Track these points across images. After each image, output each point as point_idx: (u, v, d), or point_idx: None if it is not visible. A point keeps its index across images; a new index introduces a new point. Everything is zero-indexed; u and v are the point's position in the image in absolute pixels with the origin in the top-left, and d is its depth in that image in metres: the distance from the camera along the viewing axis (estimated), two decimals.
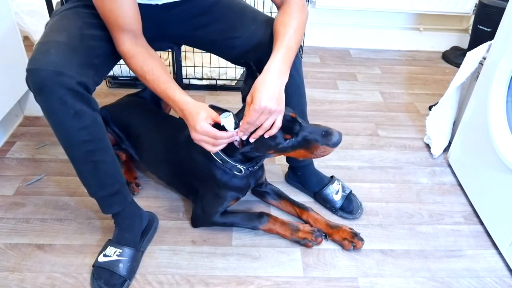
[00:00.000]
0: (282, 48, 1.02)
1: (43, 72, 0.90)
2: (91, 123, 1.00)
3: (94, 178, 1.08)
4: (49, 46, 0.95)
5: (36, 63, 0.92)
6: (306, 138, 1.07)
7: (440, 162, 1.63)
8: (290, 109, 1.09)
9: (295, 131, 1.07)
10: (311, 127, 1.08)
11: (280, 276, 1.17)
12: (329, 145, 1.06)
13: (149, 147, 1.36)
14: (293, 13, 1.07)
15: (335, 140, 1.06)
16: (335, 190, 1.37)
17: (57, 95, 0.92)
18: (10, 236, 1.24)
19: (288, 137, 1.07)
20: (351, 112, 1.93)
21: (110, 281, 1.09)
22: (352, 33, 2.52)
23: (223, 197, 1.23)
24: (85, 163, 1.05)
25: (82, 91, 0.96)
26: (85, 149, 1.02)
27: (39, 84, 0.91)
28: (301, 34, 1.08)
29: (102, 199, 1.13)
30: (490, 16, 2.10)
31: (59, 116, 0.96)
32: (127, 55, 1.05)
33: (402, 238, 1.30)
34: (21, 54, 1.61)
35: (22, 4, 2.18)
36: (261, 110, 0.97)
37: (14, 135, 1.65)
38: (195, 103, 1.03)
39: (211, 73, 2.00)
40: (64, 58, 0.94)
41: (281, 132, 1.06)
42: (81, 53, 0.98)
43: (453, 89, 1.57)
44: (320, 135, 1.06)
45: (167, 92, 1.04)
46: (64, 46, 0.96)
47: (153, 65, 1.05)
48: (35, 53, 0.94)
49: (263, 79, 0.99)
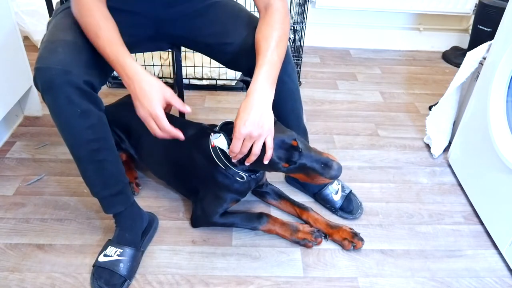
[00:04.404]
0: (264, 65, 1.00)
1: (52, 70, 0.91)
2: (97, 122, 1.00)
3: (98, 177, 1.08)
4: (56, 45, 0.95)
5: (44, 62, 0.92)
6: (305, 167, 1.07)
7: (440, 162, 1.64)
8: (293, 135, 1.08)
9: (293, 159, 1.06)
10: (311, 156, 1.07)
11: (280, 276, 1.17)
12: (327, 177, 1.07)
13: (149, 147, 1.36)
14: (275, 23, 1.04)
15: (333, 174, 1.06)
16: (335, 190, 1.37)
17: (65, 93, 0.92)
18: (10, 236, 1.24)
19: (286, 165, 1.07)
20: (351, 112, 1.93)
21: (110, 281, 1.09)
22: (352, 33, 2.52)
23: (223, 199, 1.23)
24: (89, 163, 1.05)
25: (89, 90, 0.96)
26: (91, 148, 1.02)
27: (47, 83, 0.92)
28: (284, 45, 1.06)
29: (105, 198, 1.12)
30: (490, 16, 2.11)
31: (66, 115, 0.96)
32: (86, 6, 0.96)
33: (402, 238, 1.30)
34: (21, 54, 1.61)
35: (22, 4, 2.18)
36: (242, 137, 0.97)
37: (14, 135, 1.65)
38: (148, 77, 0.95)
39: (211, 73, 2.00)
40: (72, 57, 0.94)
41: (280, 159, 1.05)
42: (88, 52, 0.98)
43: (453, 89, 1.57)
44: (320, 166, 1.06)
45: (117, 54, 0.94)
46: (71, 45, 0.96)
47: (111, 25, 0.97)
48: (42, 52, 0.94)
49: (245, 104, 0.98)
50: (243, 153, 1.01)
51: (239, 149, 1.00)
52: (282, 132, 1.07)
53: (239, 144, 0.99)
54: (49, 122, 1.73)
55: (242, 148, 1.00)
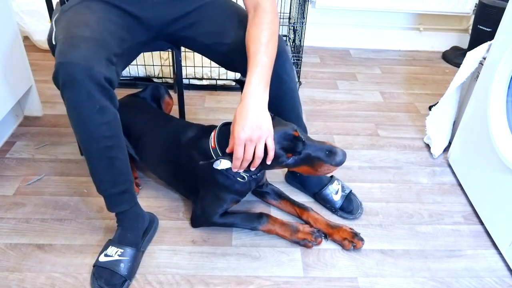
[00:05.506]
0: (255, 68, 1.01)
1: (74, 65, 0.91)
2: (113, 119, 1.01)
3: (107, 174, 1.08)
4: (77, 40, 0.96)
5: (66, 57, 0.92)
6: (309, 157, 1.07)
7: (440, 162, 1.64)
8: (293, 127, 1.08)
9: (298, 149, 1.06)
10: (315, 145, 1.08)
11: (280, 276, 1.17)
12: (333, 164, 1.07)
13: (149, 147, 1.36)
14: (263, 24, 1.05)
15: (339, 160, 1.06)
16: (335, 190, 1.37)
17: (86, 88, 0.93)
18: (10, 236, 1.24)
19: (290, 156, 1.07)
20: (351, 112, 1.93)
21: (110, 281, 1.09)
22: (352, 33, 2.52)
23: (224, 199, 1.23)
24: (101, 159, 1.05)
25: (108, 86, 0.97)
26: (104, 145, 1.02)
27: (70, 77, 0.92)
28: (274, 45, 1.06)
29: (112, 196, 1.12)
30: (490, 16, 2.11)
31: (84, 110, 0.96)
32: None
33: (402, 238, 1.30)
34: (21, 54, 1.61)
35: (22, 4, 2.18)
36: (242, 142, 0.97)
37: (14, 135, 1.65)
38: None
39: (211, 73, 2.00)
40: (93, 52, 0.95)
41: (284, 151, 1.05)
42: (107, 49, 0.99)
43: (453, 89, 1.57)
44: (324, 154, 1.06)
45: None
46: (91, 41, 0.97)
47: None
48: (64, 47, 0.95)
49: (240, 108, 0.98)
50: (248, 159, 1.00)
51: (242, 155, 0.99)
52: (283, 125, 1.07)
53: (241, 150, 0.99)
54: (49, 122, 1.74)
55: (246, 155, 0.99)
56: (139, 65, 1.98)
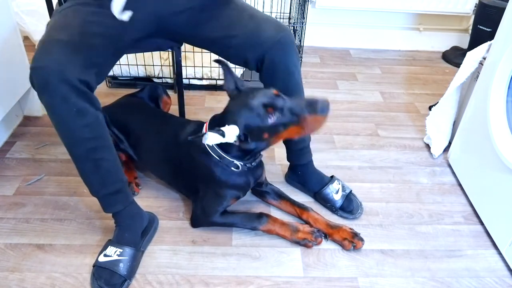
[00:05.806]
0: None
1: (47, 70, 0.92)
2: (94, 121, 1.01)
3: (95, 176, 1.08)
4: (51, 44, 0.96)
5: (39, 62, 0.93)
6: (292, 111, 1.06)
7: (440, 162, 1.64)
8: (272, 88, 1.09)
9: (278, 105, 1.05)
10: (295, 100, 1.07)
11: (280, 276, 1.17)
12: (317, 112, 1.04)
13: (148, 146, 1.36)
14: None
15: (321, 106, 1.04)
16: (335, 190, 1.37)
17: (60, 92, 0.93)
18: (10, 236, 1.24)
19: (271, 110, 1.05)
20: (351, 112, 1.93)
21: (110, 281, 1.09)
22: (352, 33, 2.52)
23: (223, 196, 1.23)
24: (87, 161, 1.05)
25: (84, 89, 0.97)
26: (87, 146, 1.02)
27: (42, 82, 0.93)
28: None
29: (104, 197, 1.13)
30: (490, 16, 2.11)
31: (62, 114, 0.97)
32: None
33: (402, 238, 1.30)
34: (21, 54, 1.61)
35: (22, 4, 2.18)
36: None
37: (14, 135, 1.65)
38: None
39: (211, 73, 2.00)
40: (66, 56, 0.95)
41: (265, 106, 1.05)
42: (83, 52, 0.98)
43: (453, 89, 1.57)
44: (306, 105, 1.05)
45: None
46: (66, 44, 0.97)
47: None
48: (38, 52, 0.95)
49: None
50: None
51: None
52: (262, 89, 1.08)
53: None
54: (49, 122, 1.71)
55: None
56: (139, 65, 1.98)
